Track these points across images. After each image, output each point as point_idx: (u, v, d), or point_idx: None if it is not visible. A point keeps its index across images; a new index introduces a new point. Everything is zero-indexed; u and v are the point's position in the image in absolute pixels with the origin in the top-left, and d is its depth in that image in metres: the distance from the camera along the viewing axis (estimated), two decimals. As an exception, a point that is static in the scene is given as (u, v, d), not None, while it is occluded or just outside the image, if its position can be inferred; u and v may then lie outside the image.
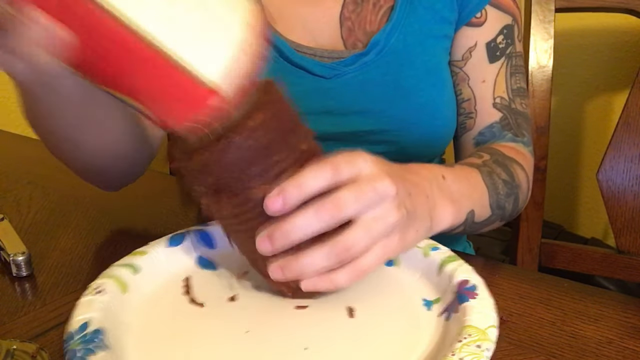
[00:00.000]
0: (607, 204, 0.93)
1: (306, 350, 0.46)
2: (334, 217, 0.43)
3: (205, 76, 0.35)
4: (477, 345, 0.42)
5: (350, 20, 0.74)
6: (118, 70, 0.35)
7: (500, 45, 0.75)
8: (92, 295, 0.48)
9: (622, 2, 0.93)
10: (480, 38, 0.75)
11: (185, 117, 0.38)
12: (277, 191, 0.44)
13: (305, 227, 0.43)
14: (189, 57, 0.34)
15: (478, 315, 0.45)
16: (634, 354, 0.47)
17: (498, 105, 0.74)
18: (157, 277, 0.53)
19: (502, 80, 0.75)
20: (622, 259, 0.92)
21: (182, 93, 0.36)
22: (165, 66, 0.34)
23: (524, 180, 0.69)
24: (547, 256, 0.97)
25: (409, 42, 0.73)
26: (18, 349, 0.43)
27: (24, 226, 0.68)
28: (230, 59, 0.35)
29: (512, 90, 0.75)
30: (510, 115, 0.74)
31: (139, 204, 0.74)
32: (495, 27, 0.75)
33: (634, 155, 0.92)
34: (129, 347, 0.46)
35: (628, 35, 1.21)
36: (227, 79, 0.35)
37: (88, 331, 0.44)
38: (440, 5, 0.74)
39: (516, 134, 0.74)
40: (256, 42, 0.36)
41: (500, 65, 0.75)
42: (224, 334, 0.48)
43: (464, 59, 0.76)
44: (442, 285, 0.52)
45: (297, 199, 0.44)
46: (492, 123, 0.74)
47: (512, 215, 0.68)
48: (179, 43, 0.34)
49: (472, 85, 0.76)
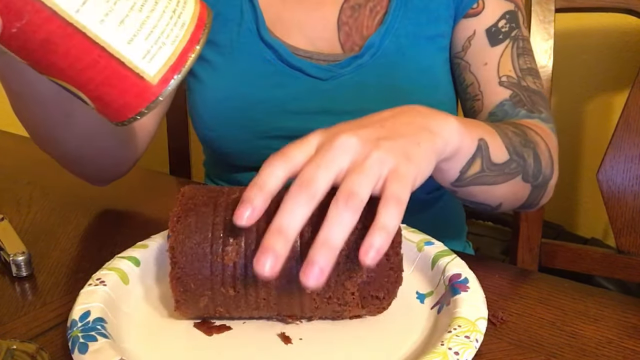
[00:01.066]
0: (607, 204, 0.93)
1: (301, 340, 0.46)
2: (310, 192, 0.40)
3: (144, 70, 0.37)
4: (466, 336, 0.43)
5: (347, 25, 0.75)
6: (54, 59, 0.36)
7: (502, 29, 0.73)
8: (95, 286, 0.49)
9: (622, 2, 0.93)
10: (478, 26, 0.74)
11: (126, 112, 0.38)
12: (241, 204, 0.41)
13: (294, 217, 0.40)
14: (125, 52, 0.36)
15: (468, 308, 0.46)
16: (634, 354, 0.47)
17: (505, 83, 0.71)
18: (158, 269, 0.55)
19: (508, 60, 0.72)
20: (622, 259, 0.92)
21: (122, 87, 0.37)
22: (106, 59, 0.36)
23: (541, 143, 0.64)
24: (547, 256, 0.97)
25: (402, 43, 0.74)
26: (18, 349, 0.43)
27: (24, 226, 0.68)
28: (167, 54, 0.37)
29: (522, 69, 0.72)
30: (522, 92, 0.70)
31: (139, 203, 0.74)
32: (495, 13, 0.74)
33: (634, 155, 0.92)
34: (130, 337, 0.47)
35: (628, 35, 1.21)
36: (162, 72, 0.37)
37: (89, 319, 0.45)
38: (435, 5, 0.74)
39: (531, 110, 0.69)
40: (193, 38, 0.37)
41: (505, 47, 0.73)
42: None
43: (464, 48, 0.75)
44: (435, 278, 0.53)
45: (262, 200, 0.41)
46: (501, 101, 0.70)
47: (538, 179, 0.62)
48: (117, 38, 0.35)
49: (473, 70, 0.74)
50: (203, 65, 0.76)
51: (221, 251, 0.45)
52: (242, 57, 0.75)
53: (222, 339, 0.47)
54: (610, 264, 0.93)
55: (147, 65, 0.37)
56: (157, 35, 0.37)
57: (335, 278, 0.45)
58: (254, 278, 0.45)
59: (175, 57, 0.37)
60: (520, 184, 0.60)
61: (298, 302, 0.46)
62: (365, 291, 0.46)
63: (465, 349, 0.42)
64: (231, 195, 0.47)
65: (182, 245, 0.45)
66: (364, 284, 0.46)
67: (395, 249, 0.46)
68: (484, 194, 0.58)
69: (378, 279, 0.46)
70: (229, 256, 0.44)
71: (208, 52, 0.76)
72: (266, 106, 0.73)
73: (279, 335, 0.47)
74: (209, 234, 0.45)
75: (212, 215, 0.46)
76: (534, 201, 0.66)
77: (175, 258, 0.45)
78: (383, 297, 0.47)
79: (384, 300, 0.47)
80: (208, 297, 0.46)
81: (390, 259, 0.46)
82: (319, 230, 0.40)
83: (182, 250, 0.45)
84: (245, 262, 0.44)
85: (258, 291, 0.45)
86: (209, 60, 0.76)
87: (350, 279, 0.45)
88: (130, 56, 0.36)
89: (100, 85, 0.37)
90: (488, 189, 0.57)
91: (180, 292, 0.45)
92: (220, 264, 0.45)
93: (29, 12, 0.34)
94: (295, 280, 0.45)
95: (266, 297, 0.46)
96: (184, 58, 0.38)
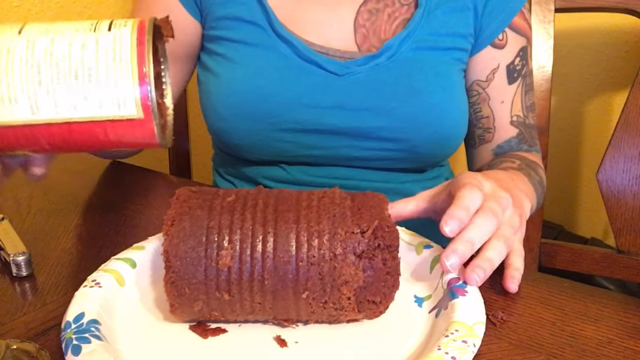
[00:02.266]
0: (606, 204, 0.93)
1: (297, 344, 0.46)
2: (492, 221, 0.52)
3: (124, 115, 0.39)
4: (464, 340, 0.43)
5: (364, 28, 0.76)
6: (66, 149, 0.41)
7: (517, 67, 0.80)
8: (90, 287, 0.49)
9: (622, 2, 0.93)
10: (502, 60, 0.80)
11: (152, 141, 0.41)
12: (450, 251, 0.50)
13: (479, 232, 0.52)
14: (107, 111, 0.39)
15: (466, 312, 0.46)
16: (634, 354, 0.47)
17: (515, 123, 0.82)
18: (154, 271, 0.54)
19: (519, 99, 0.81)
20: (622, 259, 0.92)
21: (127, 136, 0.40)
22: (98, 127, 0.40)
23: (544, 177, 0.79)
24: (547, 256, 0.97)
25: (420, 50, 0.75)
26: (18, 349, 0.43)
27: (24, 226, 0.68)
28: (133, 88, 0.39)
29: (526, 107, 0.82)
30: (526, 130, 0.82)
31: (139, 203, 0.74)
32: (514, 49, 0.80)
33: (633, 155, 0.92)
34: (124, 339, 0.47)
35: (628, 35, 1.21)
36: (142, 103, 0.39)
37: (84, 321, 0.45)
38: (455, 21, 0.77)
39: (530, 145, 0.82)
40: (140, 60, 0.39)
41: (517, 86, 0.81)
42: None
43: (488, 80, 0.80)
44: (433, 282, 0.52)
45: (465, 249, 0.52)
46: (510, 138, 0.82)
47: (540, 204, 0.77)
48: (95, 106, 0.39)
49: (491, 105, 0.81)
50: (217, 59, 0.77)
51: (216, 255, 0.44)
52: (258, 51, 0.75)
53: (218, 342, 0.47)
54: (610, 264, 0.93)
55: (122, 109, 0.39)
56: (107, 81, 0.39)
57: (332, 283, 0.45)
58: (249, 282, 0.45)
59: (137, 88, 0.39)
60: None
61: (294, 306, 0.46)
62: (361, 296, 0.46)
63: (462, 354, 0.42)
64: (226, 198, 0.47)
65: (176, 249, 0.45)
66: (361, 289, 0.46)
67: (393, 253, 0.46)
68: None
69: (375, 283, 0.46)
70: (223, 260, 0.44)
71: (221, 47, 0.77)
72: (280, 99, 0.74)
73: (275, 338, 0.47)
74: (203, 238, 0.45)
75: (207, 219, 0.45)
76: None
77: (170, 262, 0.45)
78: (380, 301, 0.47)
79: (380, 305, 0.47)
80: (203, 301, 0.45)
81: (387, 263, 0.46)
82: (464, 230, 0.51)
83: (177, 254, 0.44)
84: (240, 267, 0.44)
85: (253, 295, 0.45)
86: (223, 54, 0.77)
87: (346, 283, 0.45)
88: (101, 112, 0.39)
89: (114, 142, 0.41)
90: None
91: (175, 297, 0.45)
92: (214, 268, 0.44)
93: None
94: (290, 284, 0.45)
95: (261, 302, 0.46)
96: (143, 80, 0.39)
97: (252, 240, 0.44)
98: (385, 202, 0.49)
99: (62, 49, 0.39)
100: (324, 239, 0.45)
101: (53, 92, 0.39)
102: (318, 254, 0.44)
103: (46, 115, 0.39)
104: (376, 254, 0.46)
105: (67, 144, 0.41)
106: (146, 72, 0.39)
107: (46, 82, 0.39)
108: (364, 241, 0.45)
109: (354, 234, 0.45)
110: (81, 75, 0.39)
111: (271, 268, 0.44)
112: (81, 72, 0.39)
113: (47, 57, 0.39)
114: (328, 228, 0.45)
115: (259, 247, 0.44)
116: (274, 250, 0.44)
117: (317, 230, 0.45)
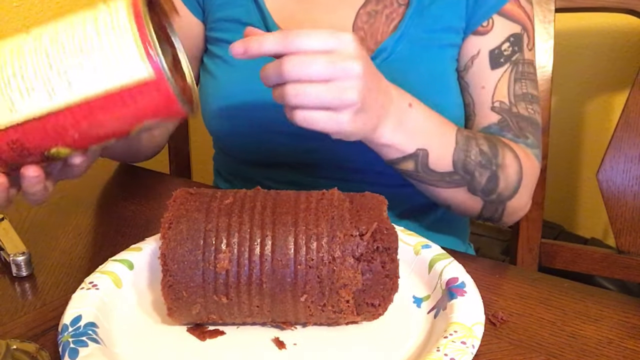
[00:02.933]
0: (607, 204, 0.93)
1: (295, 346, 0.46)
2: (296, 68, 0.48)
3: (136, 77, 0.40)
4: (463, 341, 0.43)
5: (362, 30, 0.76)
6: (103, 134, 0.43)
7: (505, 53, 0.75)
8: (87, 290, 0.49)
9: (622, 2, 0.93)
10: (484, 46, 0.76)
11: (177, 108, 0.43)
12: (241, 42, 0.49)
13: (271, 69, 0.49)
14: (120, 79, 0.40)
15: (465, 313, 0.46)
16: (634, 354, 0.47)
17: (496, 109, 0.75)
18: (152, 273, 0.54)
19: (504, 85, 0.75)
20: (622, 259, 0.92)
21: (153, 100, 0.41)
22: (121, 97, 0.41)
23: (512, 167, 0.68)
24: (547, 256, 0.97)
25: (415, 50, 0.74)
26: (18, 349, 0.43)
27: (24, 226, 0.68)
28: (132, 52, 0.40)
29: (516, 95, 0.75)
30: (511, 118, 0.74)
31: (139, 203, 0.74)
32: (501, 35, 0.75)
33: (634, 155, 0.92)
34: (122, 341, 0.47)
35: (628, 35, 1.21)
36: (155, 65, 0.40)
37: (81, 324, 0.45)
38: (449, 15, 0.75)
39: (517, 135, 0.73)
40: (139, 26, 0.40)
41: (503, 72, 0.75)
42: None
43: (466, 68, 0.77)
44: (432, 282, 0.52)
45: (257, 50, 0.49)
46: (489, 124, 0.75)
47: (489, 196, 0.68)
48: (112, 77, 0.40)
49: (471, 92, 0.77)
50: (216, 61, 0.78)
51: (213, 259, 0.44)
52: None
53: (216, 344, 0.47)
54: (610, 264, 0.93)
55: (132, 73, 0.40)
56: (115, 50, 0.40)
57: (330, 286, 0.45)
58: (247, 286, 0.44)
59: (141, 47, 0.40)
60: (467, 195, 0.67)
61: (292, 309, 0.46)
62: (360, 299, 0.46)
63: (461, 355, 0.41)
64: (224, 200, 0.47)
65: (173, 252, 0.44)
66: (359, 292, 0.46)
67: (392, 255, 0.46)
68: (424, 189, 0.67)
69: (373, 286, 0.46)
70: (221, 264, 0.44)
71: (220, 49, 0.77)
72: (274, 102, 0.74)
73: (273, 340, 0.47)
74: (200, 241, 0.45)
75: (204, 222, 0.45)
76: (494, 215, 0.71)
77: (167, 265, 0.45)
78: (378, 304, 0.47)
79: (379, 307, 0.47)
80: (201, 305, 0.45)
81: (386, 266, 0.46)
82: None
83: (174, 257, 0.44)
84: (238, 270, 0.44)
85: (251, 299, 0.45)
86: (221, 56, 0.77)
87: (345, 286, 0.45)
88: (116, 82, 0.40)
89: (137, 115, 0.42)
90: (427, 187, 0.66)
91: (173, 300, 0.45)
92: (212, 271, 0.44)
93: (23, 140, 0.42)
94: (288, 288, 0.44)
95: (260, 305, 0.46)
96: (145, 38, 0.40)
97: (250, 243, 0.44)
98: (384, 204, 0.49)
99: (66, 31, 0.40)
100: (323, 242, 0.45)
101: (64, 73, 0.40)
102: (316, 257, 0.44)
103: (63, 97, 0.40)
104: (375, 256, 0.45)
105: (93, 129, 0.41)
106: (147, 33, 0.39)
107: (56, 64, 0.40)
108: (363, 244, 0.45)
109: (353, 237, 0.45)
110: (86, 49, 0.40)
111: (269, 271, 0.44)
112: (85, 46, 0.40)
113: (54, 43, 0.40)
114: (326, 231, 0.45)
115: (257, 250, 0.44)
116: (272, 254, 0.44)
117: (316, 233, 0.45)
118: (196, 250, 0.44)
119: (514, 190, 0.70)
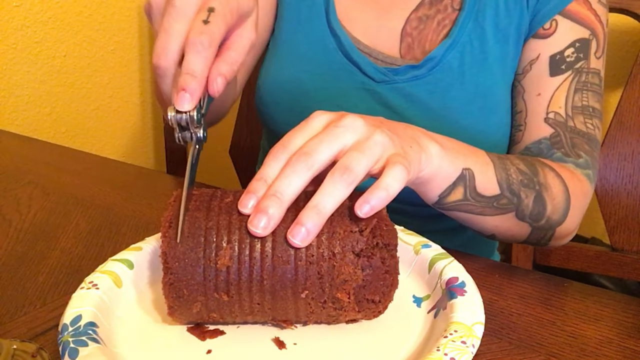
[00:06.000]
0: (600, 202, 0.94)
1: (295, 345, 0.46)
2: (309, 162, 0.44)
3: None
4: (463, 341, 0.43)
5: (410, 37, 0.73)
6: None
7: (568, 59, 0.69)
8: (87, 289, 0.49)
9: (619, 2, 0.94)
10: (544, 50, 0.70)
11: None
12: (246, 195, 0.45)
13: (290, 184, 0.44)
14: None
15: (465, 312, 0.46)
16: (634, 353, 0.47)
17: (550, 121, 0.68)
18: (152, 273, 0.54)
19: (562, 95, 0.68)
20: (615, 257, 0.93)
21: None
22: None
23: (555, 187, 0.62)
24: (542, 254, 0.98)
25: (465, 60, 0.71)
26: (18, 349, 0.43)
27: (24, 226, 0.68)
28: None
29: (574, 107, 0.68)
30: (564, 132, 0.67)
31: (139, 203, 0.74)
32: (565, 39, 0.69)
33: (627, 153, 0.92)
34: (122, 341, 0.47)
35: (622, 35, 1.21)
36: None
37: (81, 324, 0.45)
38: (505, 23, 0.70)
39: (567, 154, 0.66)
40: None
41: (563, 80, 0.69)
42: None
43: (524, 72, 0.71)
44: (431, 282, 0.52)
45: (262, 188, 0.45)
46: (540, 139, 0.68)
47: (539, 222, 0.62)
48: None
49: (525, 98, 0.71)
50: (275, 41, 0.78)
51: (214, 256, 0.45)
52: (304, 42, 0.75)
53: (216, 344, 0.47)
54: (604, 262, 0.94)
55: None
56: None
57: (330, 282, 0.45)
58: (248, 283, 0.45)
59: None
60: (514, 221, 0.61)
61: (293, 306, 0.46)
62: (360, 295, 0.46)
63: (461, 355, 0.42)
64: (224, 199, 0.47)
65: (174, 250, 0.45)
66: (360, 288, 0.46)
67: (391, 252, 0.46)
68: (471, 221, 0.60)
69: (374, 282, 0.46)
70: (222, 260, 0.44)
71: (278, 28, 0.77)
72: (317, 96, 0.73)
73: (273, 340, 0.47)
74: (201, 238, 0.45)
75: (204, 220, 0.46)
76: (541, 240, 0.65)
77: (168, 264, 0.45)
78: (379, 300, 0.47)
79: (379, 304, 0.47)
80: (201, 303, 0.46)
81: (386, 262, 0.46)
82: (313, 197, 0.44)
83: (175, 255, 0.45)
84: (239, 267, 0.45)
85: (252, 296, 0.45)
86: (275, 36, 0.77)
87: (345, 282, 0.45)
88: None
89: None
90: (475, 218, 0.59)
91: (173, 298, 0.46)
92: (213, 269, 0.45)
93: None
94: (289, 284, 0.45)
95: (260, 302, 0.46)
96: None
97: (251, 240, 0.45)
98: None
99: None
100: (323, 238, 0.45)
101: None
102: (317, 253, 0.45)
103: None
104: (375, 252, 0.46)
105: None
106: None
107: None
108: (363, 240, 0.45)
109: (353, 233, 0.45)
110: None
111: (270, 268, 0.44)
112: None
113: None
114: (326, 227, 0.45)
115: (257, 247, 0.45)
116: (272, 250, 0.45)
117: None
118: (197, 247, 0.45)
119: (563, 214, 0.64)
